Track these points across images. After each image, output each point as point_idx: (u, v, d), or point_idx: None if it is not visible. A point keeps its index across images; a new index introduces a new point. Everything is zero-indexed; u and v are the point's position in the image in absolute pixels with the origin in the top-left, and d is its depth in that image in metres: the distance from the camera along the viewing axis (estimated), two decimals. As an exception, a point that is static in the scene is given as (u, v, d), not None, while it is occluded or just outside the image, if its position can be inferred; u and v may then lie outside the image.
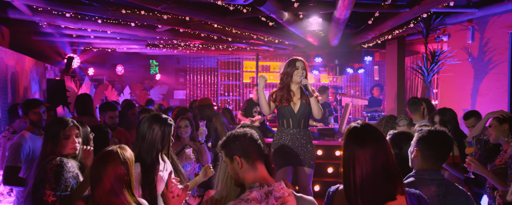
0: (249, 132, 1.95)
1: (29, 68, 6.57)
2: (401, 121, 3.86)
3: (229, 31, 6.86)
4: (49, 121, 3.95)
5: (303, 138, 3.73)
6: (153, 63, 12.02)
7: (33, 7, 5.22)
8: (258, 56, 10.28)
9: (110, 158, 1.97)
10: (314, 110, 3.69)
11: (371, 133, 1.69)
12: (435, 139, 2.03)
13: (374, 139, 1.67)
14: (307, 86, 3.60)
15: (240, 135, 1.93)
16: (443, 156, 2.06)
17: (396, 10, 5.11)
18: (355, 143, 1.67)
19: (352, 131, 1.73)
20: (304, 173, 3.73)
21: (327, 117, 7.91)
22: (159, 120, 2.55)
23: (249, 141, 1.91)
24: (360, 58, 8.75)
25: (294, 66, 3.79)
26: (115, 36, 7.71)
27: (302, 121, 3.76)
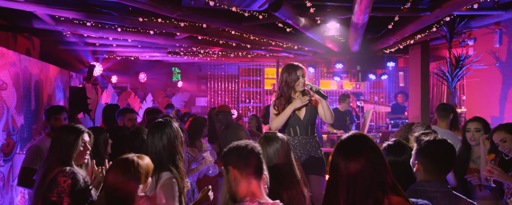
0: (250, 144, 1.90)
1: (54, 76, 6.75)
2: (417, 128, 3.72)
3: (247, 37, 6.86)
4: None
5: (312, 145, 3.65)
6: (175, 70, 12.18)
7: (56, 17, 5.38)
8: (279, 63, 10.23)
9: (124, 166, 1.95)
10: (327, 115, 3.59)
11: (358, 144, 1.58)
12: (436, 151, 1.90)
13: (361, 151, 1.56)
14: (320, 91, 3.55)
15: (240, 146, 1.88)
16: (447, 167, 1.93)
17: (417, 14, 4.95)
18: (342, 155, 1.56)
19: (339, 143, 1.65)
20: (315, 182, 3.63)
21: (348, 124, 7.75)
22: (164, 126, 2.54)
23: (247, 153, 1.85)
24: (382, 64, 8.54)
25: (295, 75, 3.63)
26: (136, 44, 7.86)
27: (309, 127, 3.69)
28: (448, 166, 1.93)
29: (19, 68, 4.91)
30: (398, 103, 9.13)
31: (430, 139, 1.94)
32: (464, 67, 5.55)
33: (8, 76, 4.50)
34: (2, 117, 4.32)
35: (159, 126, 2.50)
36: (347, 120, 7.69)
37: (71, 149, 2.36)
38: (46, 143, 3.24)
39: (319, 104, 3.65)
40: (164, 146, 2.40)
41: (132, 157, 1.98)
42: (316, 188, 3.61)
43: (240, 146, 1.87)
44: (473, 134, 3.17)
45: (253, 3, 4.42)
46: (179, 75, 12.23)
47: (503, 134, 2.81)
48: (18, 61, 4.85)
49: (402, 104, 9.02)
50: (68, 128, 2.47)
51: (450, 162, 1.93)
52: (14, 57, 4.74)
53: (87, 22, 5.57)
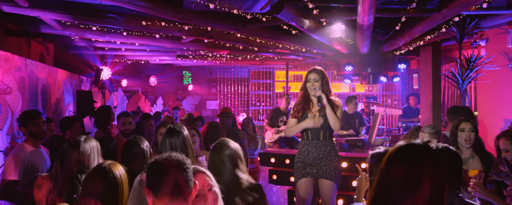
0: (171, 158, 1.60)
1: (63, 80, 6.85)
2: (426, 128, 3.61)
3: (253, 40, 6.82)
4: (76, 133, 4.06)
5: (325, 149, 3.63)
6: (186, 74, 12.24)
7: (62, 22, 5.44)
8: (288, 65, 10.15)
9: (97, 174, 1.93)
10: (330, 122, 3.56)
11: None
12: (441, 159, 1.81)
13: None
14: (320, 98, 3.54)
15: (156, 161, 1.59)
16: (455, 175, 1.83)
17: (424, 15, 4.82)
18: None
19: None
20: (325, 186, 3.63)
21: (357, 127, 7.61)
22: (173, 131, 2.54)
23: (163, 170, 1.56)
24: (394, 66, 8.37)
25: (307, 78, 3.72)
26: (145, 48, 7.91)
27: (321, 132, 3.65)
28: (457, 174, 1.84)
29: (25, 73, 4.98)
30: (410, 106, 8.92)
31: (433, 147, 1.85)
32: (475, 69, 5.36)
33: (13, 80, 4.57)
34: (7, 120, 4.38)
35: (172, 132, 2.52)
36: (356, 123, 7.56)
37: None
38: (26, 152, 3.10)
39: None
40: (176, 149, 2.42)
41: (105, 165, 1.95)
42: (325, 193, 3.62)
43: (156, 162, 1.60)
44: (469, 134, 3.07)
45: (254, 5, 4.38)
46: (190, 78, 12.28)
47: (506, 144, 2.75)
48: (24, 66, 4.92)
49: (414, 107, 8.80)
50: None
51: (458, 168, 1.83)
52: (20, 61, 4.81)
53: (92, 27, 5.62)
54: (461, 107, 5.04)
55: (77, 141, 2.19)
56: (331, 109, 3.53)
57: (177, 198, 1.50)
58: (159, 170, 1.57)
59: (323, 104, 3.52)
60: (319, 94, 3.55)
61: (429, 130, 3.70)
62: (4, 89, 4.33)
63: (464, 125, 3.18)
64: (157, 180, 1.55)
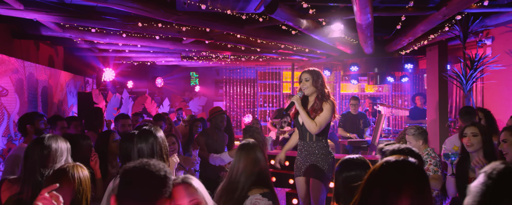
0: (147, 169, 1.48)
1: (66, 82, 6.92)
2: (410, 130, 3.53)
3: (254, 41, 6.76)
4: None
5: (312, 150, 3.67)
6: (193, 75, 12.27)
7: (61, 24, 5.48)
8: (294, 66, 10.06)
9: (57, 176, 1.91)
10: (305, 125, 3.57)
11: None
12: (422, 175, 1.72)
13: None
14: (292, 104, 3.61)
15: (127, 170, 1.49)
16: None
17: (423, 13, 4.69)
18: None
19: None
20: (311, 185, 3.69)
21: (362, 128, 7.47)
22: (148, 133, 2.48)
23: (129, 179, 1.46)
24: (400, 66, 8.21)
25: (299, 78, 3.74)
26: (148, 50, 7.94)
27: (307, 134, 3.67)
28: None
29: (23, 75, 5.03)
30: (417, 106, 8.71)
31: (394, 148, 1.77)
32: (479, 69, 5.19)
33: (9, 82, 4.61)
34: (2, 122, 4.43)
35: (145, 134, 2.46)
36: (360, 124, 7.42)
37: None
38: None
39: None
40: (151, 153, 2.35)
41: (67, 168, 1.92)
42: (312, 191, 3.68)
43: (125, 169, 1.50)
44: (470, 139, 2.93)
45: (247, 6, 4.32)
46: (197, 79, 12.30)
47: (506, 135, 2.67)
48: (21, 68, 4.97)
49: (421, 107, 8.59)
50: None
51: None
52: (17, 64, 4.86)
53: (91, 28, 5.65)
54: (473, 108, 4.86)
55: (41, 140, 2.17)
56: (305, 113, 3.54)
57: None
58: (126, 179, 1.50)
59: (296, 109, 3.60)
60: (292, 100, 3.60)
61: (413, 132, 3.66)
62: (0, 91, 4.37)
63: (467, 130, 3.04)
64: (122, 190, 1.47)
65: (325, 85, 3.64)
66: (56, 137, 2.22)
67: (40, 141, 2.15)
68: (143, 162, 1.52)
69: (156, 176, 1.46)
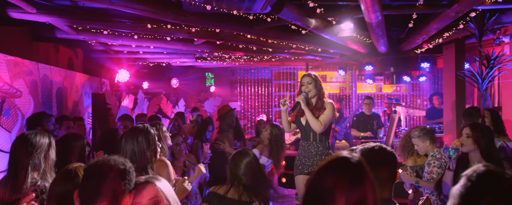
0: (98, 165, 1.55)
1: (81, 83, 7.07)
2: (414, 132, 3.48)
3: (265, 41, 6.74)
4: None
5: (315, 150, 3.84)
6: (208, 75, 12.34)
7: (74, 27, 5.60)
8: (308, 66, 9.98)
9: (61, 177, 1.94)
10: (310, 123, 3.77)
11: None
12: (372, 158, 1.68)
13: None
14: (297, 104, 3.79)
15: (92, 164, 1.58)
16: (389, 175, 1.70)
17: (434, 11, 4.56)
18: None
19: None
20: None
21: (375, 129, 7.34)
22: (143, 132, 2.52)
23: (88, 173, 1.55)
24: (416, 65, 8.03)
25: (301, 82, 3.95)
26: (162, 51, 8.03)
27: (311, 134, 3.86)
28: (389, 175, 1.71)
29: (37, 77, 5.16)
30: (434, 106, 8.49)
31: (366, 147, 1.74)
32: (495, 67, 5.01)
33: (23, 84, 4.74)
34: (16, 123, 4.55)
35: (134, 131, 2.50)
36: (374, 124, 7.29)
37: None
38: None
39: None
40: (134, 152, 2.38)
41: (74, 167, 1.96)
42: None
43: (91, 163, 1.61)
44: (462, 139, 3.00)
45: (253, 6, 4.30)
46: (212, 80, 12.36)
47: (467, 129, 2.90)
48: (35, 70, 5.11)
49: (439, 107, 8.37)
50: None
51: (388, 172, 1.71)
52: (31, 66, 4.99)
53: (103, 31, 5.75)
54: (478, 108, 4.73)
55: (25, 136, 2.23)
56: (310, 114, 3.73)
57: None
58: (86, 173, 1.59)
59: (302, 108, 3.77)
60: (297, 100, 3.79)
61: (417, 134, 3.68)
62: (14, 92, 4.50)
63: (465, 130, 3.05)
64: (82, 183, 1.57)
65: (323, 87, 3.93)
66: (37, 133, 2.28)
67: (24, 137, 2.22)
68: (105, 157, 1.58)
69: (116, 169, 1.51)
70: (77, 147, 2.76)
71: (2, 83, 4.26)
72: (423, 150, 3.71)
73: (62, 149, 2.69)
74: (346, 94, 12.40)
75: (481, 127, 3.02)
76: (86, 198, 1.48)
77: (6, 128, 4.34)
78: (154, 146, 2.46)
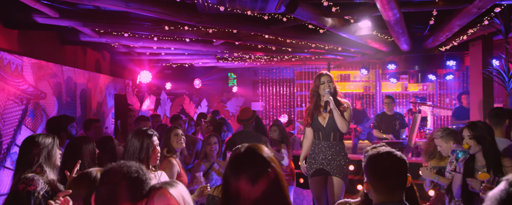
0: (126, 167, 1.59)
1: (105, 84, 7.28)
2: (437, 132, 3.36)
3: (283, 41, 6.72)
4: (95, 133, 4.31)
5: (334, 150, 3.86)
6: (231, 75, 12.42)
7: (96, 30, 5.77)
8: (330, 65, 9.87)
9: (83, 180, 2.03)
10: (338, 124, 3.78)
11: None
12: (380, 165, 1.63)
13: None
14: (327, 103, 3.76)
15: (107, 170, 1.62)
16: (398, 183, 1.64)
17: (454, 7, 4.41)
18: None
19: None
20: (334, 183, 3.84)
21: (398, 129, 7.15)
22: (138, 133, 2.57)
23: (104, 179, 1.58)
24: (442, 63, 7.78)
25: (319, 80, 3.93)
26: (183, 52, 8.15)
27: (332, 134, 3.88)
28: (399, 182, 1.65)
29: (61, 79, 5.36)
30: (463, 106, 8.19)
31: (373, 153, 1.68)
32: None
33: (47, 86, 4.94)
34: (41, 123, 4.75)
35: (131, 133, 2.58)
36: (396, 124, 7.11)
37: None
38: None
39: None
40: (128, 152, 2.45)
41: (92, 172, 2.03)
42: (332, 189, 3.84)
43: (106, 168, 1.65)
44: (466, 142, 2.84)
45: (267, 6, 4.30)
46: (235, 80, 12.44)
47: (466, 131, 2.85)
48: (60, 72, 5.30)
49: (467, 107, 8.07)
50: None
51: (401, 176, 1.65)
52: (55, 68, 5.18)
53: (124, 33, 5.90)
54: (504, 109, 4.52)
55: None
56: (339, 113, 3.73)
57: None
58: (102, 179, 1.63)
59: (331, 108, 3.75)
60: (326, 99, 3.76)
61: (440, 134, 3.53)
62: (38, 94, 4.69)
63: (464, 132, 2.96)
64: (97, 190, 1.60)
65: (337, 87, 3.98)
66: (42, 134, 2.40)
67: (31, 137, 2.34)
68: (120, 163, 1.59)
69: (128, 177, 1.51)
70: (87, 150, 2.85)
71: (27, 85, 4.45)
72: (446, 151, 3.58)
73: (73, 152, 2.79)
74: (370, 93, 12.18)
75: (480, 126, 2.91)
76: (101, 204, 1.52)
77: (31, 128, 4.53)
78: (147, 150, 2.51)
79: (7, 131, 4.07)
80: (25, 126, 4.42)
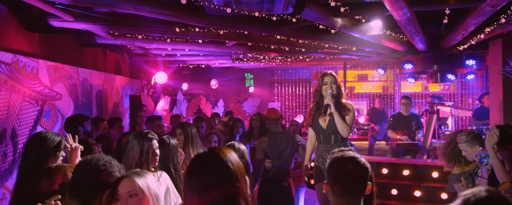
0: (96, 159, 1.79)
1: (122, 85, 7.45)
2: (462, 137, 3.20)
3: (296, 41, 6.69)
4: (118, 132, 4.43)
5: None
6: (248, 76, 12.47)
7: (110, 32, 5.91)
8: (346, 65, 9.75)
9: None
10: (338, 128, 3.61)
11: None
12: (340, 169, 1.61)
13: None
14: (328, 106, 3.59)
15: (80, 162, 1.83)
16: (355, 190, 1.61)
17: (467, 5, 4.29)
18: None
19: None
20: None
21: (413, 130, 7.00)
22: (139, 136, 2.63)
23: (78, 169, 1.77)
24: (461, 62, 7.57)
25: (322, 80, 3.73)
26: (198, 53, 8.23)
27: (332, 137, 3.71)
28: (357, 188, 1.62)
29: (77, 80, 5.52)
30: (484, 106, 7.93)
31: (337, 155, 1.66)
32: (541, 64, 4.60)
33: (63, 87, 5.10)
34: (56, 124, 4.90)
35: (136, 135, 2.64)
36: (412, 125, 6.95)
37: None
38: None
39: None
40: (128, 153, 2.52)
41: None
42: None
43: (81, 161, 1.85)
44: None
45: (274, 7, 4.30)
46: (252, 80, 12.47)
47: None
48: (75, 74, 5.46)
49: (489, 107, 7.82)
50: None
51: (359, 183, 1.62)
52: (71, 70, 5.34)
53: (138, 35, 6.02)
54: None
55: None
56: (340, 116, 3.57)
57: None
58: (76, 169, 1.84)
59: (331, 112, 3.58)
60: (327, 102, 3.58)
61: (464, 138, 3.29)
62: (54, 96, 4.85)
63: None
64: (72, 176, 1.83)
65: (342, 87, 3.74)
66: (51, 132, 2.48)
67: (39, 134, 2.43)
68: (95, 156, 1.80)
69: (95, 167, 1.74)
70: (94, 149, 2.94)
71: (43, 87, 4.61)
72: (472, 156, 3.40)
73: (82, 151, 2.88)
74: (389, 93, 11.98)
75: (507, 130, 2.79)
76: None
77: (46, 128, 4.69)
78: (147, 154, 2.57)
79: (23, 131, 4.23)
80: (41, 126, 4.58)
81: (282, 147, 4.38)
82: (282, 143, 4.38)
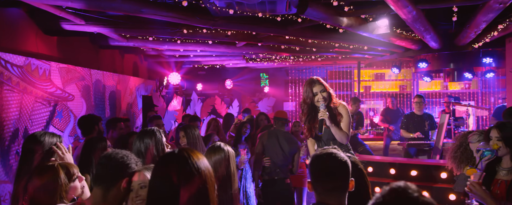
0: (110, 153, 1.99)
1: (136, 86, 7.63)
2: (473, 137, 3.10)
3: (305, 41, 6.69)
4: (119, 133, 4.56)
5: None
6: (263, 76, 12.50)
7: (122, 34, 6.07)
8: (359, 64, 9.65)
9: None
10: (337, 139, 3.32)
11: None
12: (319, 166, 1.61)
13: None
14: (322, 122, 3.21)
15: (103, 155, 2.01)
16: (336, 186, 1.61)
17: (473, 2, 4.19)
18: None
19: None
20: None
21: (427, 130, 6.86)
22: (148, 134, 2.73)
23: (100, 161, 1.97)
24: (478, 60, 7.38)
25: (311, 92, 3.31)
26: (210, 54, 8.34)
27: (330, 143, 3.45)
28: (338, 185, 1.62)
29: (89, 81, 5.69)
30: (505, 106, 7.70)
31: (317, 153, 1.66)
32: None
33: (75, 88, 5.27)
34: (69, 124, 5.08)
35: (142, 134, 2.75)
36: (425, 126, 6.82)
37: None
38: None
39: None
40: (137, 150, 2.62)
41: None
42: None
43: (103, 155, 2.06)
44: (495, 143, 2.61)
45: (276, 8, 4.32)
46: (267, 80, 12.50)
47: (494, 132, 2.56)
48: (88, 76, 5.64)
49: (509, 106, 7.58)
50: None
51: (339, 180, 1.61)
52: (83, 72, 5.52)
53: (149, 37, 6.15)
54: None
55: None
56: (336, 128, 3.26)
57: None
58: (99, 161, 2.05)
59: (323, 129, 3.25)
60: (321, 117, 3.20)
61: (476, 138, 3.09)
62: (66, 97, 5.03)
63: (492, 132, 2.72)
64: (97, 167, 2.07)
65: (331, 90, 3.39)
66: (47, 133, 2.57)
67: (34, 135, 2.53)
68: (115, 150, 2.03)
69: (115, 160, 1.96)
70: (99, 148, 3.03)
71: (55, 88, 4.79)
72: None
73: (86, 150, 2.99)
74: (406, 92, 11.77)
75: (510, 127, 2.69)
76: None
77: (59, 129, 4.87)
78: (155, 148, 2.65)
79: (35, 130, 4.40)
80: (53, 126, 4.76)
81: (282, 145, 4.39)
82: (282, 142, 4.40)
